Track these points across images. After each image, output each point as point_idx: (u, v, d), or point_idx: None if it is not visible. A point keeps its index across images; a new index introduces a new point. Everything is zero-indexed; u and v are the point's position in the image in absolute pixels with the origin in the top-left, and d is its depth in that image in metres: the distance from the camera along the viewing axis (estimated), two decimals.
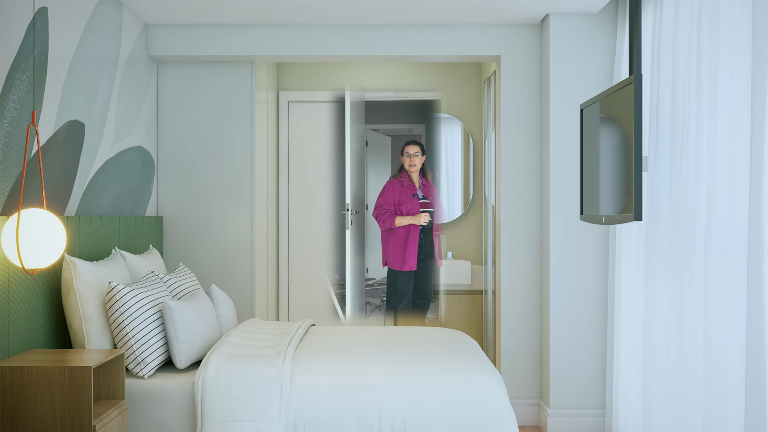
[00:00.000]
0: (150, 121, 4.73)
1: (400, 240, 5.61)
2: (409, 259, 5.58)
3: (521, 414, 4.64)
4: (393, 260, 5.62)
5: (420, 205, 5.64)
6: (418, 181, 5.73)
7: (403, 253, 5.60)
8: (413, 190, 5.65)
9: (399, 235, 5.61)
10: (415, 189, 5.66)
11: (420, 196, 5.68)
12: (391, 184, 5.65)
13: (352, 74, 6.25)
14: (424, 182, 5.78)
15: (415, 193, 5.65)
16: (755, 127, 2.70)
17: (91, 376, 2.68)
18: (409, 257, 5.58)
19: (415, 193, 5.65)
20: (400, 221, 5.59)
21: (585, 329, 4.43)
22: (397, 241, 5.61)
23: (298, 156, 6.18)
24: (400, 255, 5.60)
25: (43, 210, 2.75)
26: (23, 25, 3.12)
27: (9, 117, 3.00)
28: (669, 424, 3.47)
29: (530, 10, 4.37)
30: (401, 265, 5.59)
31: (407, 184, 5.65)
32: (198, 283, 4.10)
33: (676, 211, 3.40)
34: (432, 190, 5.79)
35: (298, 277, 6.16)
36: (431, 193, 5.78)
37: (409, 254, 5.59)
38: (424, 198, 5.70)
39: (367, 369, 3.27)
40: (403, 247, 5.60)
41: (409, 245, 5.59)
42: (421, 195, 5.70)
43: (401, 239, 5.61)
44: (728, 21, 2.93)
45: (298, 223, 6.16)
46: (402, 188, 5.64)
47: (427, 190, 5.76)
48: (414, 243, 5.59)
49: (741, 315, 2.82)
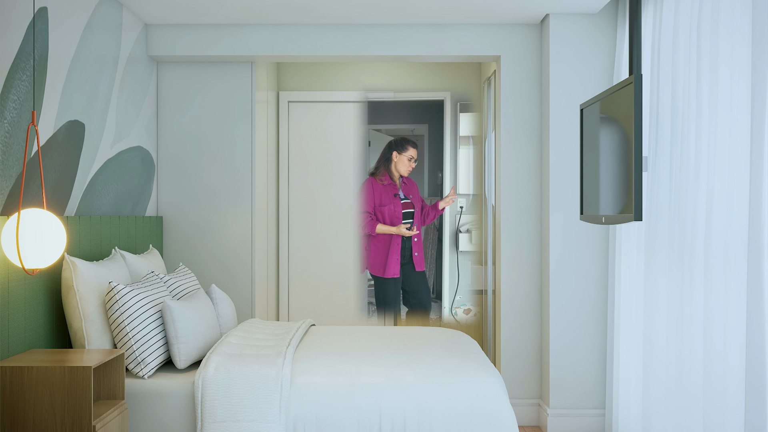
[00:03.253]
0: (150, 121, 4.73)
1: (381, 245, 5.35)
2: (392, 265, 5.30)
3: (521, 414, 4.64)
4: (374, 266, 5.34)
5: (402, 206, 5.38)
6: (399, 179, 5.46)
7: (384, 259, 5.34)
8: (394, 189, 5.38)
9: (381, 240, 5.36)
10: (396, 188, 5.39)
11: (402, 196, 5.42)
12: (370, 184, 5.38)
13: (352, 74, 6.25)
14: (405, 180, 5.54)
15: (397, 192, 5.38)
16: (755, 127, 2.70)
17: (91, 376, 2.68)
18: (392, 263, 5.31)
19: (397, 193, 5.38)
20: (381, 229, 5.31)
21: (585, 329, 4.43)
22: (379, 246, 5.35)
23: (298, 156, 6.18)
24: (382, 261, 5.34)
25: (43, 210, 2.75)
26: (23, 25, 3.12)
27: (9, 117, 3.00)
28: (669, 424, 3.47)
29: (530, 10, 4.37)
30: (383, 271, 5.32)
31: (388, 183, 5.38)
32: (198, 283, 4.10)
33: (676, 211, 3.40)
34: (413, 188, 5.55)
35: (298, 277, 6.16)
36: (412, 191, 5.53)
37: (392, 260, 5.31)
38: (405, 198, 5.44)
39: (367, 369, 3.27)
40: (385, 253, 5.34)
41: (391, 251, 5.31)
42: (403, 195, 5.44)
43: (383, 244, 5.35)
44: (728, 21, 2.93)
45: (298, 223, 6.16)
46: (382, 188, 5.37)
47: (408, 189, 5.51)
48: (396, 248, 5.32)
49: (741, 315, 2.82)
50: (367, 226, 5.35)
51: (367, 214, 5.38)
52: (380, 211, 5.37)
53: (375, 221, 5.39)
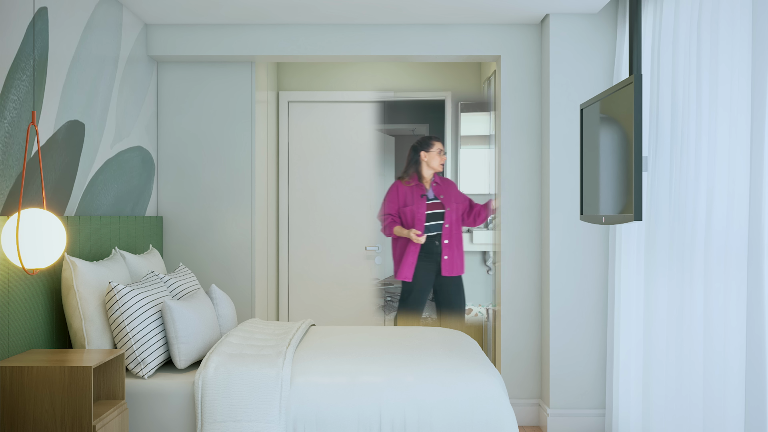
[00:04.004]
0: (150, 121, 4.73)
1: (400, 247, 5.32)
2: (405, 268, 5.24)
3: (521, 414, 4.64)
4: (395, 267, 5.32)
5: (427, 207, 5.27)
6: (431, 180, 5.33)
7: (399, 261, 5.30)
8: (421, 190, 5.27)
9: (400, 242, 5.32)
10: (424, 189, 5.28)
11: (430, 197, 5.29)
12: (395, 187, 5.31)
13: (352, 74, 6.25)
14: (438, 180, 5.36)
15: (424, 193, 5.26)
16: (755, 127, 2.70)
17: (91, 376, 2.68)
18: (405, 266, 5.24)
19: (424, 194, 5.26)
20: (398, 231, 5.25)
21: (585, 329, 4.43)
22: (397, 248, 5.32)
23: (298, 156, 6.18)
24: (398, 263, 5.31)
25: (43, 210, 2.75)
26: (23, 25, 3.12)
27: (9, 117, 3.00)
28: (669, 424, 3.47)
29: (530, 10, 4.37)
30: (396, 273, 5.28)
31: (415, 185, 5.28)
32: (198, 283, 4.10)
33: (676, 211, 3.40)
34: (448, 188, 5.35)
35: (298, 277, 6.16)
36: (446, 190, 5.35)
37: (406, 263, 5.24)
38: (434, 198, 5.29)
39: (367, 369, 3.27)
40: (401, 255, 5.30)
41: (407, 253, 5.25)
42: (432, 195, 5.29)
43: (401, 246, 5.31)
44: (728, 21, 2.93)
45: (298, 223, 6.16)
46: (407, 190, 5.28)
47: (440, 189, 5.33)
48: (413, 251, 5.24)
49: (741, 315, 2.82)
50: (387, 228, 5.29)
51: (388, 216, 5.29)
52: (403, 212, 5.28)
53: (395, 223, 5.30)
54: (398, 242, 5.35)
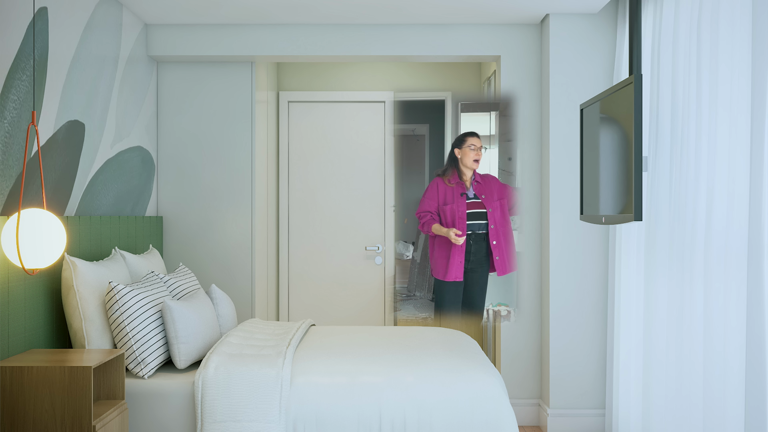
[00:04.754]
0: (150, 121, 4.73)
1: (444, 246, 5.15)
2: (453, 268, 5.09)
3: (521, 414, 4.64)
4: (436, 268, 5.15)
5: (467, 205, 5.15)
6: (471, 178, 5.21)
7: (446, 262, 5.13)
8: (462, 189, 5.16)
9: (444, 241, 5.16)
10: (464, 188, 5.16)
11: (470, 195, 5.17)
12: (435, 184, 5.20)
13: (352, 74, 6.25)
14: (479, 178, 5.23)
15: (464, 192, 5.16)
16: (755, 127, 2.70)
17: (91, 376, 2.68)
18: (453, 266, 5.09)
19: (464, 192, 5.15)
20: (437, 230, 5.12)
21: (585, 329, 4.43)
22: (442, 247, 5.16)
23: (298, 156, 6.18)
24: (444, 263, 5.14)
25: (43, 210, 2.75)
26: (23, 25, 3.12)
27: (9, 117, 3.00)
28: (669, 424, 3.47)
29: (530, 10, 4.37)
30: (444, 274, 5.11)
31: (456, 183, 5.17)
32: (198, 283, 4.10)
33: (676, 211, 3.40)
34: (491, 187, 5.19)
35: (298, 277, 6.16)
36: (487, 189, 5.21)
37: (454, 262, 5.09)
38: (475, 197, 5.17)
39: (367, 369, 3.26)
40: (447, 255, 5.13)
41: (454, 252, 5.10)
42: (472, 194, 5.17)
43: (446, 245, 5.14)
44: (728, 21, 2.93)
45: (298, 223, 6.16)
46: (447, 188, 5.17)
47: (482, 188, 5.20)
48: (460, 250, 5.10)
49: (741, 315, 2.82)
50: (426, 225, 5.16)
51: (426, 213, 5.18)
52: (443, 210, 5.17)
53: (433, 221, 5.19)
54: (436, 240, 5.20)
